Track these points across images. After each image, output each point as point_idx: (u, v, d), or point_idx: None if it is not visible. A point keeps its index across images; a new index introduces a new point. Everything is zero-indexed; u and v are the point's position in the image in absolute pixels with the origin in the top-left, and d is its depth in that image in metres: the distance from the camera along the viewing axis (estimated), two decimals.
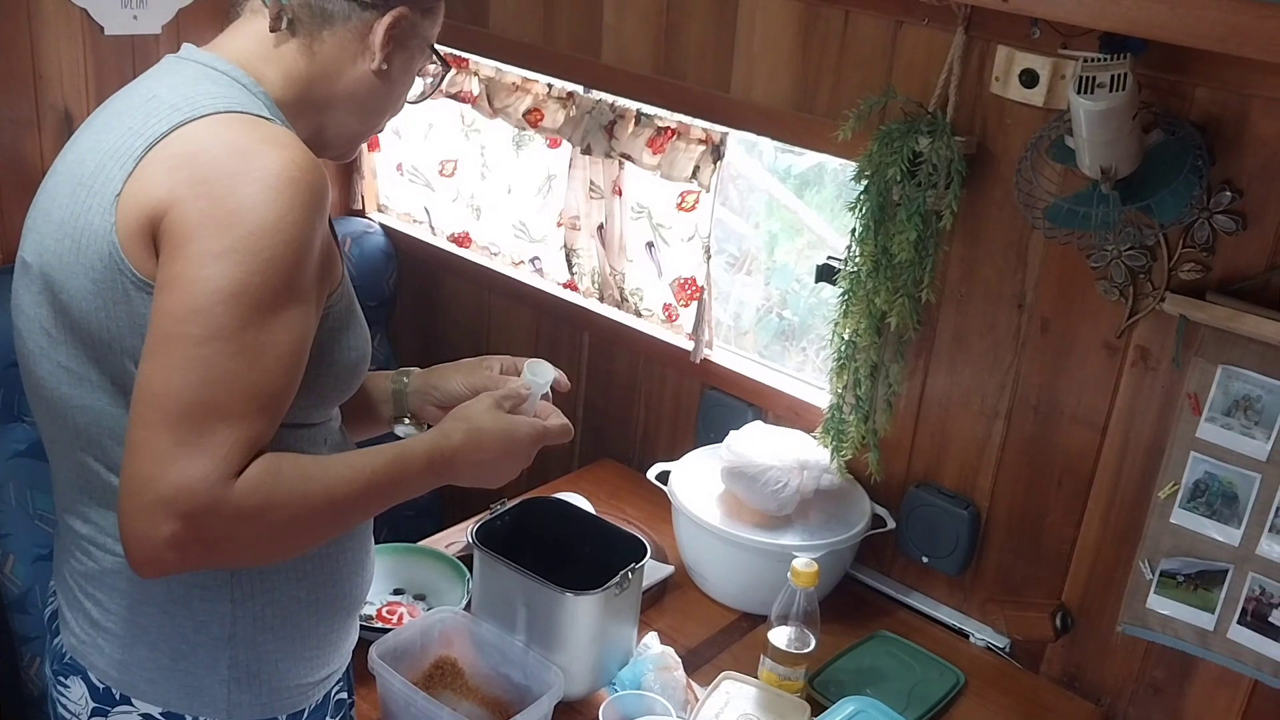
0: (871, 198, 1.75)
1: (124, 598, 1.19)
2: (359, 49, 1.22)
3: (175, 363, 1.00)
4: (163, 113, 1.09)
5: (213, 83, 1.14)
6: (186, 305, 1.00)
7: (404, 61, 1.26)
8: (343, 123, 1.27)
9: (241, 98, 1.13)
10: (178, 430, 0.98)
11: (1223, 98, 1.52)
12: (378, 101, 1.27)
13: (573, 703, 1.65)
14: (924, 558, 1.94)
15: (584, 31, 2.20)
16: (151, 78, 1.18)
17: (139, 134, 1.08)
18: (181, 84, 1.13)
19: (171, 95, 1.11)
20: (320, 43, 1.21)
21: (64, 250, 1.11)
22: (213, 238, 1.01)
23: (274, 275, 1.02)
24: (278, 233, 1.02)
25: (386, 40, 1.22)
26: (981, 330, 1.82)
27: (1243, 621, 1.61)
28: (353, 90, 1.24)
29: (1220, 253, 1.57)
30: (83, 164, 1.12)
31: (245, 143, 1.06)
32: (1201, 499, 1.62)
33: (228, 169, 1.03)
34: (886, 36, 1.79)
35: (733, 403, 2.17)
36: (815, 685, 1.74)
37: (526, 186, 2.49)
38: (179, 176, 1.04)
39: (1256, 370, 1.55)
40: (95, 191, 1.09)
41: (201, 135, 1.07)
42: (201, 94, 1.11)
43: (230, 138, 1.06)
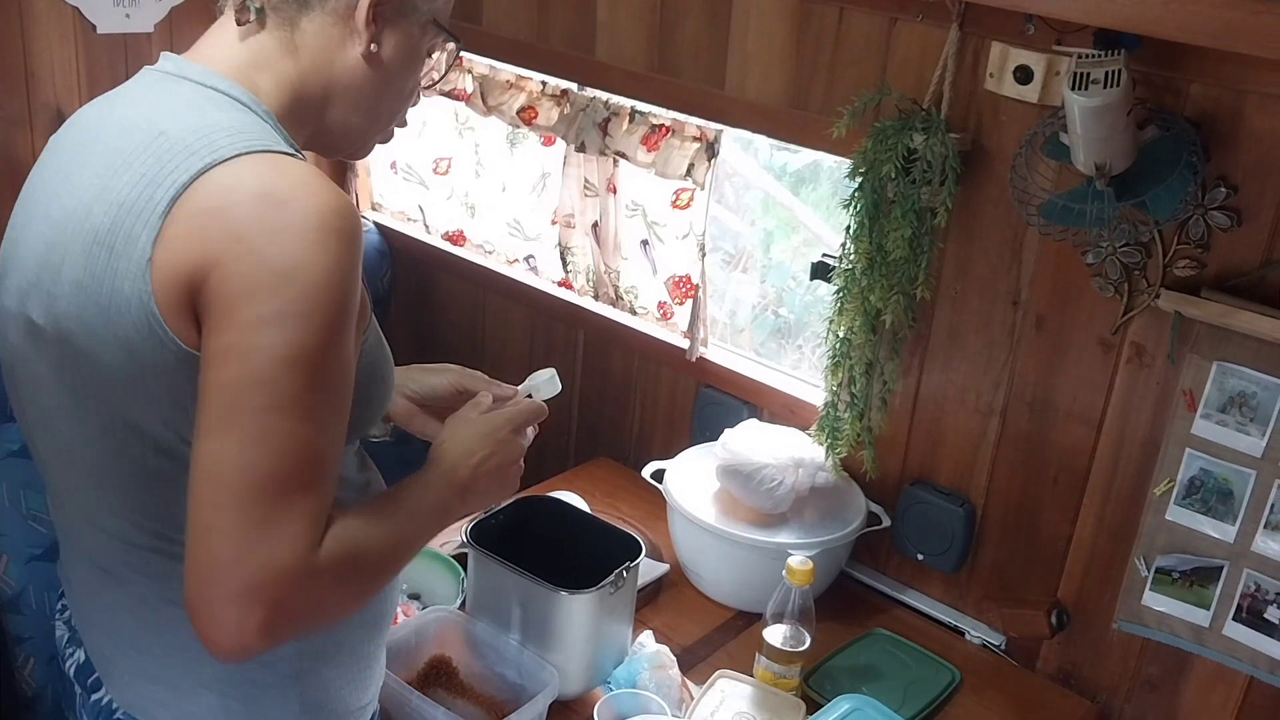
0: (866, 195, 1.75)
1: (184, 650, 1.11)
2: (345, 33, 1.12)
3: (241, 438, 0.94)
4: (178, 157, 1.00)
5: (217, 109, 1.05)
6: (246, 377, 0.94)
7: (401, 42, 1.15)
8: (344, 120, 1.17)
9: (251, 126, 1.04)
10: (254, 509, 0.93)
11: (1217, 94, 1.52)
12: (377, 91, 1.16)
13: (568, 701, 1.64)
14: (919, 555, 1.94)
15: (578, 28, 2.19)
16: (145, 103, 1.08)
17: (156, 184, 1.00)
18: (185, 114, 1.04)
19: (181, 132, 1.02)
20: (301, 33, 1.11)
21: (89, 317, 1.02)
22: (262, 302, 0.95)
23: (327, 332, 0.97)
24: (327, 288, 0.96)
25: (371, 18, 1.11)
26: (976, 327, 1.82)
27: (1238, 618, 1.61)
28: (347, 82, 1.14)
29: (1215, 249, 1.57)
30: (92, 216, 1.02)
31: (277, 190, 0.98)
32: (1197, 496, 1.61)
33: (265, 224, 0.96)
34: (881, 33, 1.79)
35: (728, 400, 2.17)
36: (811, 683, 1.74)
37: (521, 184, 2.49)
38: (213, 235, 0.96)
39: (1251, 366, 1.54)
40: (120, 254, 1.00)
41: (229, 185, 0.98)
42: (213, 128, 1.02)
43: (260, 185, 0.98)
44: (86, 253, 1.02)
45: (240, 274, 0.95)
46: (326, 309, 0.96)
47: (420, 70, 1.21)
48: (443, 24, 1.19)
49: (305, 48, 1.12)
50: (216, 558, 0.93)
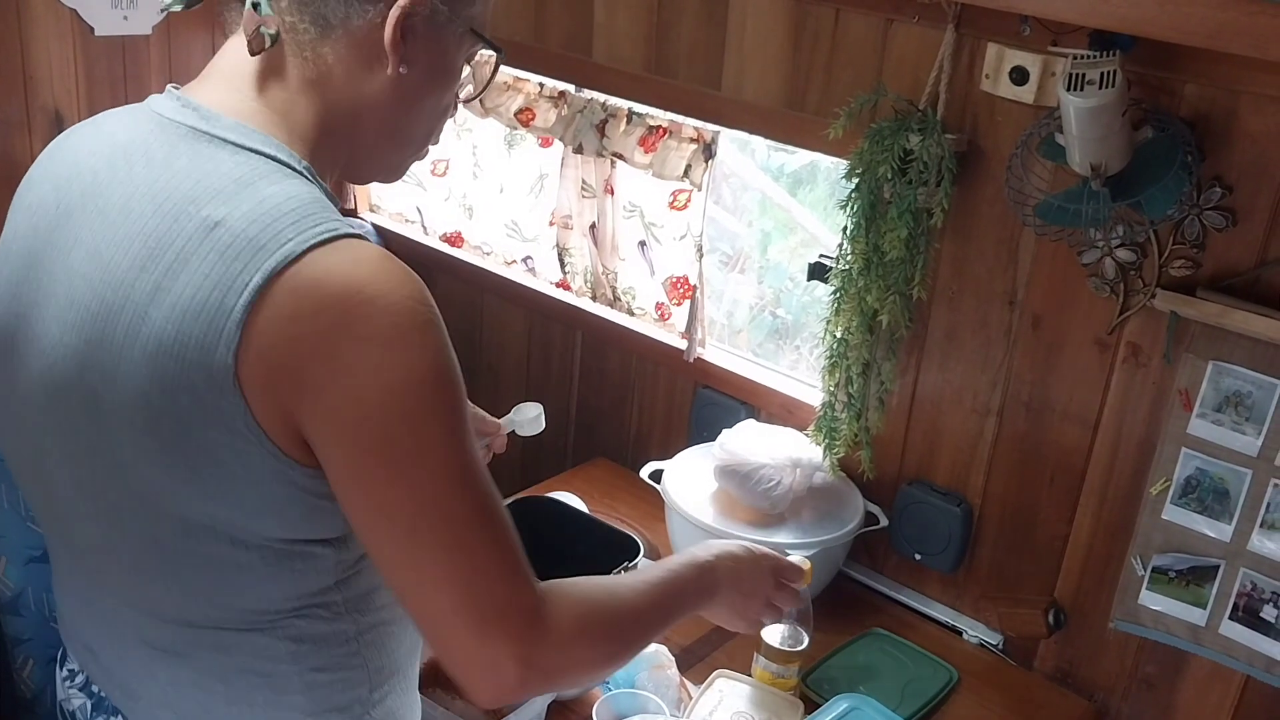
0: (862, 195, 1.75)
1: (263, 711, 1.09)
2: (370, 55, 1.01)
3: (436, 559, 0.93)
4: (244, 255, 0.91)
5: (267, 181, 0.95)
6: (406, 497, 0.92)
7: (434, 57, 1.04)
8: (375, 146, 1.08)
9: (306, 199, 0.95)
10: (479, 621, 0.94)
11: (1212, 94, 1.52)
12: (408, 113, 1.07)
13: (566, 701, 1.65)
14: (917, 555, 1.95)
15: (575, 30, 2.20)
16: (180, 174, 0.96)
17: (226, 287, 0.90)
18: (236, 196, 0.93)
19: (240, 222, 0.92)
20: (322, 60, 1.01)
21: (163, 429, 0.94)
22: (388, 421, 0.91)
23: (457, 419, 0.95)
24: (442, 383, 0.94)
25: (398, 36, 1.00)
26: (973, 327, 1.82)
27: (1234, 617, 1.61)
28: (375, 106, 1.04)
29: (1210, 249, 1.57)
30: (150, 321, 0.92)
31: (360, 289, 0.91)
32: (1193, 495, 1.62)
33: (359, 334, 0.90)
34: (877, 34, 1.79)
35: (726, 401, 2.17)
36: (809, 683, 1.74)
37: (518, 186, 2.49)
38: (305, 352, 0.90)
39: (1247, 366, 1.55)
40: (195, 365, 0.91)
41: (308, 288, 0.90)
42: (272, 214, 0.92)
43: (341, 287, 0.90)
44: (151, 363, 0.93)
45: (353, 399, 0.90)
46: (448, 400, 0.94)
47: (456, 84, 1.11)
48: (482, 33, 1.08)
49: (329, 76, 1.02)
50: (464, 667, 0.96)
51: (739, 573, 1.29)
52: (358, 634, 1.10)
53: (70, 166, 1.04)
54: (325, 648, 1.09)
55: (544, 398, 2.53)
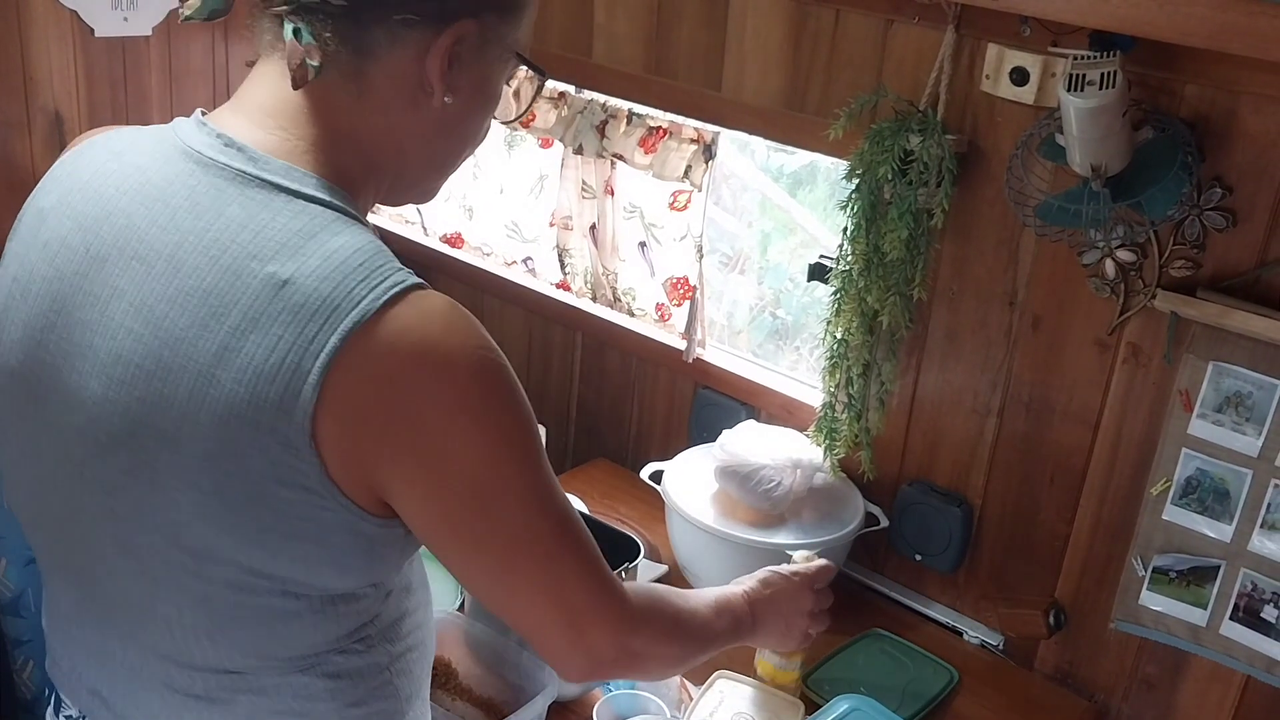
0: (863, 196, 1.75)
1: None
2: (415, 84, 0.98)
3: (531, 590, 1.01)
4: (318, 316, 0.88)
5: (330, 233, 0.92)
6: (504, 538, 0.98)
7: (479, 82, 1.02)
8: (418, 175, 1.07)
9: (369, 250, 0.92)
10: (573, 623, 1.02)
11: (1212, 95, 1.52)
12: (451, 140, 1.05)
13: (566, 703, 1.65)
14: (917, 556, 1.95)
15: (575, 31, 2.20)
16: (235, 224, 0.92)
17: (301, 350, 0.88)
18: (302, 251, 0.90)
19: (309, 280, 0.89)
20: (366, 91, 0.97)
21: (229, 489, 0.91)
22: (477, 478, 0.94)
23: (537, 461, 0.98)
24: (517, 429, 0.96)
25: (445, 65, 0.97)
26: (973, 328, 1.82)
27: (1235, 617, 1.61)
28: (419, 136, 1.01)
29: (1210, 249, 1.58)
30: (218, 384, 0.89)
31: (434, 348, 0.91)
32: (1193, 495, 1.62)
33: (438, 398, 0.91)
34: (877, 35, 1.79)
35: (726, 402, 2.17)
36: (809, 683, 1.74)
37: (518, 187, 2.49)
38: (382, 417, 0.90)
39: (1247, 366, 1.55)
40: (267, 429, 0.89)
41: (384, 350, 0.89)
42: (341, 270, 0.90)
43: (415, 346, 0.90)
44: (220, 426, 0.90)
45: (438, 458, 0.92)
46: (525, 438, 0.96)
47: (496, 106, 1.07)
48: (526, 58, 1.05)
49: (373, 109, 0.98)
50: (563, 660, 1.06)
51: (775, 601, 1.41)
52: (390, 663, 1.10)
53: (97, 205, 0.98)
54: (361, 681, 1.07)
55: (544, 398, 2.54)
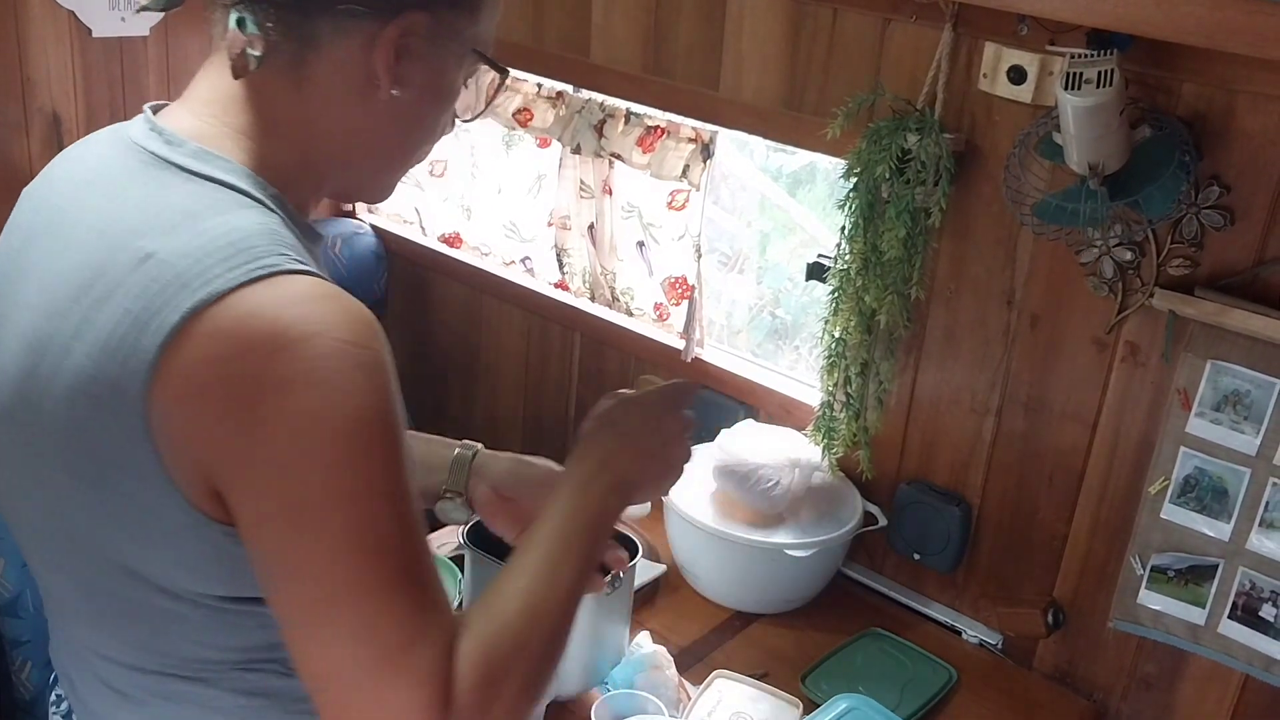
0: (860, 195, 1.75)
1: None
2: (363, 75, 0.95)
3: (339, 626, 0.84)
4: (167, 290, 0.84)
5: (215, 212, 0.88)
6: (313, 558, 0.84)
7: (433, 76, 0.98)
8: (365, 167, 1.03)
9: (253, 232, 0.88)
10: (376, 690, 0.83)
11: (1209, 93, 1.52)
12: (402, 135, 1.01)
13: (565, 702, 1.65)
14: (915, 555, 1.94)
15: (573, 31, 2.20)
16: (130, 202, 0.91)
17: (143, 325, 0.84)
18: (176, 227, 0.87)
19: (171, 255, 0.85)
20: (310, 80, 0.94)
21: (82, 468, 0.89)
22: (299, 477, 0.83)
23: (380, 472, 0.85)
24: (364, 432, 0.84)
25: (391, 58, 0.94)
26: (971, 327, 1.82)
27: (1233, 616, 1.61)
28: (366, 129, 0.98)
29: (1208, 248, 1.57)
30: (73, 355, 0.87)
31: (284, 331, 0.83)
32: (1192, 494, 1.62)
33: (276, 380, 0.82)
34: (874, 34, 1.79)
35: (724, 401, 2.17)
36: (807, 683, 1.74)
37: (517, 186, 2.49)
38: (217, 399, 0.83)
39: (1245, 365, 1.55)
40: (108, 408, 0.86)
41: (227, 330, 0.83)
42: (208, 248, 0.85)
43: (263, 329, 0.83)
44: (70, 401, 0.87)
45: (266, 449, 0.83)
46: (370, 449, 0.84)
47: (454, 103, 1.04)
48: (485, 54, 1.02)
49: (315, 98, 0.95)
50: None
51: (632, 436, 1.11)
52: None
53: (47, 191, 1.00)
54: (278, 705, 1.02)
55: (542, 399, 2.54)
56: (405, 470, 0.87)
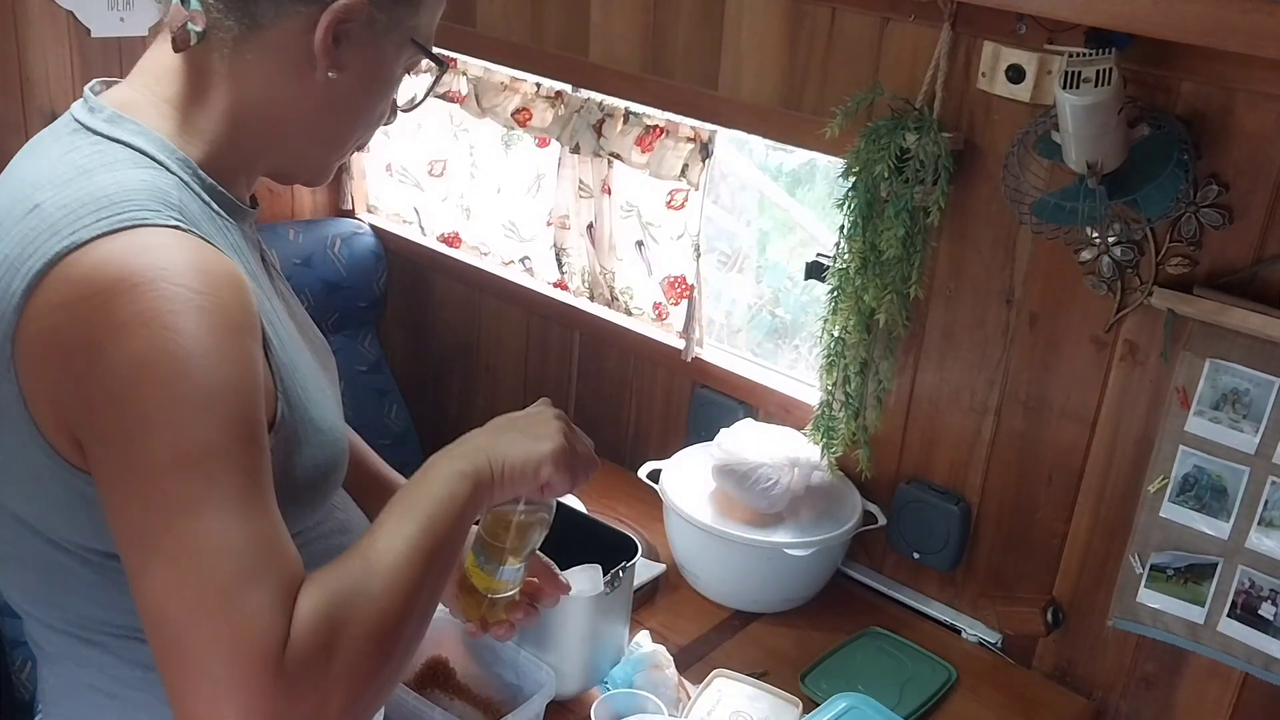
0: (859, 194, 1.75)
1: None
2: (300, 57, 0.98)
3: (160, 570, 0.81)
4: (40, 237, 0.87)
5: (109, 169, 0.91)
6: (138, 500, 0.83)
7: (369, 64, 1.01)
8: (301, 150, 1.05)
9: (137, 190, 0.89)
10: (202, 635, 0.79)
11: (1208, 92, 1.52)
12: (339, 119, 1.04)
13: (564, 702, 1.65)
14: (915, 554, 1.94)
15: (571, 30, 2.20)
16: (44, 161, 0.95)
17: (15, 270, 0.87)
18: (70, 181, 0.90)
19: (53, 206, 0.88)
20: (246, 59, 0.97)
21: None
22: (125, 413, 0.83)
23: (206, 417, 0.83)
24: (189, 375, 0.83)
25: (329, 40, 0.97)
26: (970, 326, 1.82)
27: (1233, 614, 1.61)
28: (304, 110, 1.01)
29: (1207, 247, 1.57)
30: None
31: (129, 275, 0.84)
32: (1191, 493, 1.62)
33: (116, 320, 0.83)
34: (873, 33, 1.79)
35: (723, 400, 2.17)
36: (807, 682, 1.74)
37: (516, 186, 2.49)
38: (67, 339, 0.84)
39: (1244, 364, 1.55)
40: None
41: (82, 275, 0.85)
42: (86, 200, 0.88)
43: (112, 274, 0.84)
44: None
45: (101, 387, 0.83)
46: (195, 395, 0.83)
47: (393, 92, 1.08)
48: (423, 44, 1.04)
49: (251, 77, 0.98)
50: (197, 699, 0.79)
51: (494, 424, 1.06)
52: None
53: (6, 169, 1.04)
54: None
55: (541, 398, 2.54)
56: (243, 419, 0.86)
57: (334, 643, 0.83)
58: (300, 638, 0.81)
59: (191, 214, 0.92)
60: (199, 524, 0.81)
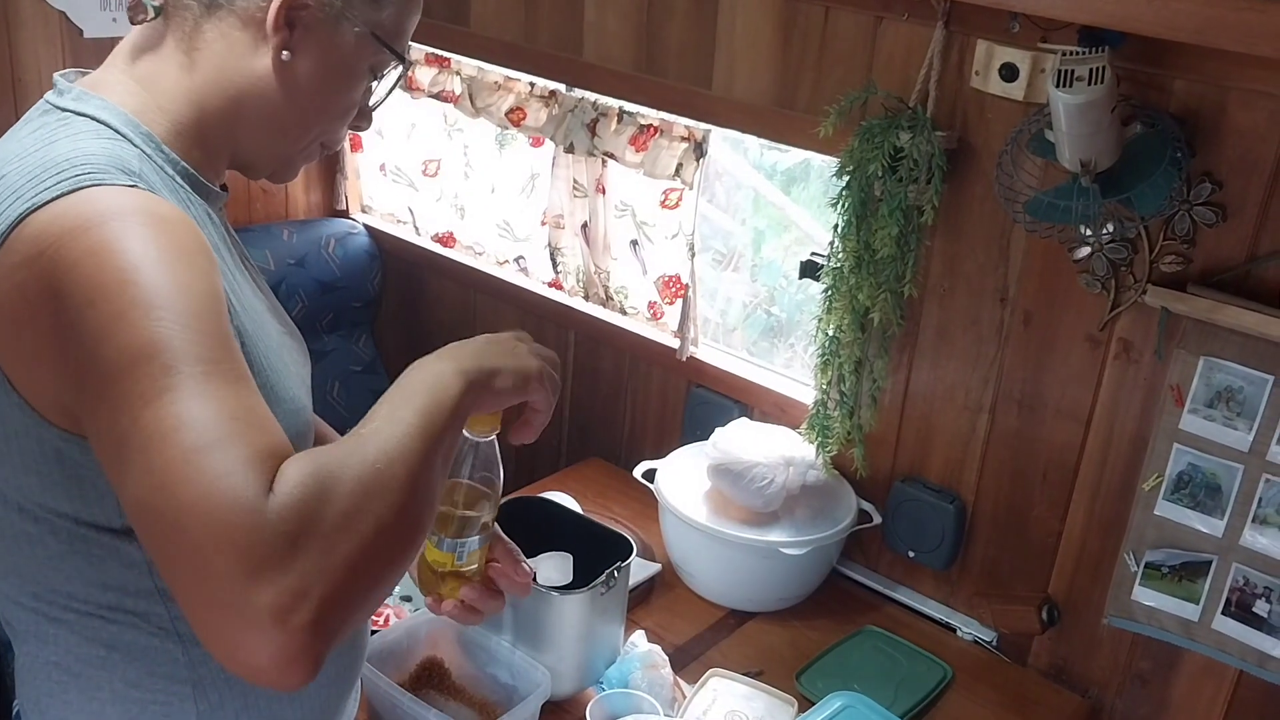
0: (853, 193, 1.75)
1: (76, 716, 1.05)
2: (254, 39, 1.00)
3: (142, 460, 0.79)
4: (4, 202, 0.90)
5: (71, 139, 0.94)
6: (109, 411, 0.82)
7: (325, 55, 1.03)
8: (255, 138, 1.06)
9: (96, 156, 0.92)
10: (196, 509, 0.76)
11: (1201, 90, 1.52)
12: (293, 108, 1.04)
13: (560, 702, 1.65)
14: (910, 552, 1.95)
15: (565, 30, 2.19)
16: (14, 139, 0.98)
17: None
18: (33, 151, 0.93)
19: (16, 175, 0.91)
20: (202, 37, 1.00)
21: None
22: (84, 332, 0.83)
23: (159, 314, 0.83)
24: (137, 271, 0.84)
25: (282, 21, 0.99)
26: (964, 324, 1.82)
27: (1227, 612, 1.61)
28: (256, 95, 1.02)
29: (1201, 245, 1.58)
30: None
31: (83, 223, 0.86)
32: (1185, 490, 1.62)
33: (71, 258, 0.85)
34: (866, 32, 1.79)
35: (719, 400, 2.17)
36: (802, 681, 1.74)
37: (510, 186, 2.49)
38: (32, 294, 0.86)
39: (1237, 361, 1.55)
40: None
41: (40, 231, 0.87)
42: (48, 166, 0.90)
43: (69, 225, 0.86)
44: None
45: (65, 325, 0.84)
46: (143, 298, 0.83)
47: (356, 89, 1.08)
48: (383, 39, 1.05)
49: (208, 55, 1.01)
50: (190, 586, 0.77)
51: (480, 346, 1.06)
52: (190, 663, 1.03)
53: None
54: (136, 665, 1.03)
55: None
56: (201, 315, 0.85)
57: (325, 497, 0.78)
58: (284, 491, 0.77)
59: (151, 183, 0.94)
60: (160, 409, 0.79)
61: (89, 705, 1.05)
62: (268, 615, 0.74)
